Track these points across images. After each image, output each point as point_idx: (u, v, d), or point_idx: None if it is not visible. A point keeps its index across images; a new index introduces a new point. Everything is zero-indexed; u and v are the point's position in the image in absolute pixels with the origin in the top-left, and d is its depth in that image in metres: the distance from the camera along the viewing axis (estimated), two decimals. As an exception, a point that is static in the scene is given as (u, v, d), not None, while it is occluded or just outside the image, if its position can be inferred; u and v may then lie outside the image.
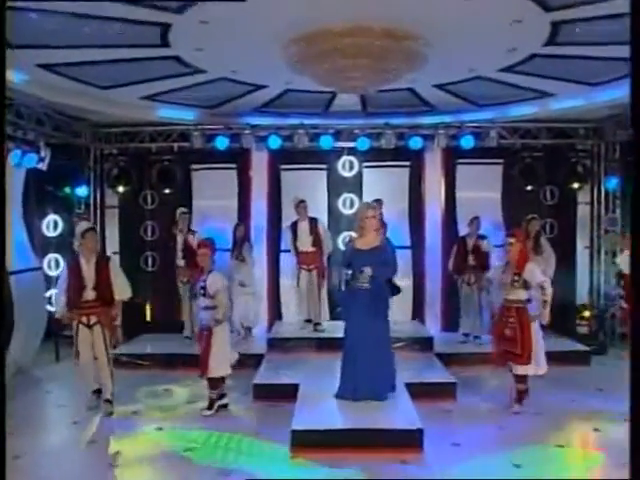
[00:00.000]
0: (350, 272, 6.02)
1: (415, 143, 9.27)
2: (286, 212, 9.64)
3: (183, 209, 8.99)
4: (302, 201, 8.96)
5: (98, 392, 6.51)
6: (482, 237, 8.76)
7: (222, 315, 6.26)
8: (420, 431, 5.21)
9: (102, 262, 6.51)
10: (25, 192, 8.30)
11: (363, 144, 9.27)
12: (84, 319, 6.34)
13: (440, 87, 7.91)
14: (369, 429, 5.32)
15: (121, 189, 9.69)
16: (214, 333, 6.26)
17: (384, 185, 9.67)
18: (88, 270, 6.35)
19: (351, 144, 9.49)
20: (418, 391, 6.32)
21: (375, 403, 5.88)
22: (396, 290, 6.68)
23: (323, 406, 5.93)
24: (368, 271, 5.90)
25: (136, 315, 9.56)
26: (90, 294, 6.33)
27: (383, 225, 7.82)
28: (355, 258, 6.04)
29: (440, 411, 6.35)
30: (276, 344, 8.41)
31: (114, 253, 9.90)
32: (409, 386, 6.37)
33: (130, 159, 9.75)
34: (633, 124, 2.42)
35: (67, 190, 8.99)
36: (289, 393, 6.40)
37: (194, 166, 9.89)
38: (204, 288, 6.27)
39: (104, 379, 6.44)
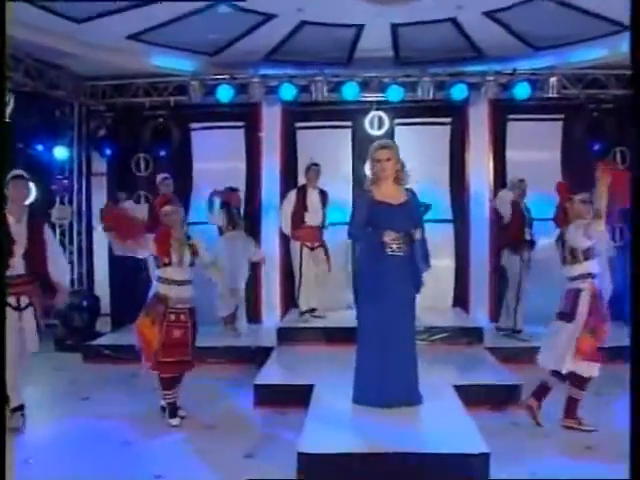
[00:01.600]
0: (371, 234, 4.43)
1: (459, 92, 7.61)
2: (303, 179, 8.10)
3: (164, 175, 7.33)
4: (315, 164, 7.40)
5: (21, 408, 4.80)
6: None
7: None
8: (485, 457, 3.60)
9: (36, 224, 4.88)
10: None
11: (396, 94, 7.65)
12: (12, 300, 4.60)
13: (491, 15, 6.39)
14: (411, 453, 3.68)
15: (109, 152, 8.22)
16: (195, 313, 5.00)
17: (420, 146, 8.03)
18: (17, 232, 4.69)
19: (381, 96, 7.90)
20: (472, 396, 4.77)
21: (415, 415, 4.33)
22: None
23: (344, 417, 4.37)
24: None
25: (125, 300, 8.11)
26: (19, 264, 4.69)
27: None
28: (380, 215, 4.41)
29: (505, 424, 4.76)
30: (288, 335, 6.85)
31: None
32: (460, 390, 4.80)
33: (120, 117, 8.25)
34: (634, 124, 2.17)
35: (42, 150, 7.51)
36: (301, 397, 4.91)
37: (194, 125, 8.41)
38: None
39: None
